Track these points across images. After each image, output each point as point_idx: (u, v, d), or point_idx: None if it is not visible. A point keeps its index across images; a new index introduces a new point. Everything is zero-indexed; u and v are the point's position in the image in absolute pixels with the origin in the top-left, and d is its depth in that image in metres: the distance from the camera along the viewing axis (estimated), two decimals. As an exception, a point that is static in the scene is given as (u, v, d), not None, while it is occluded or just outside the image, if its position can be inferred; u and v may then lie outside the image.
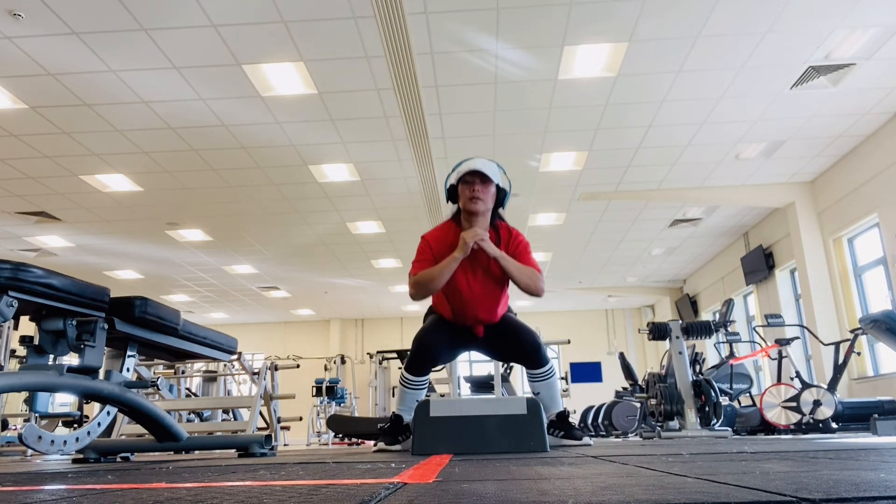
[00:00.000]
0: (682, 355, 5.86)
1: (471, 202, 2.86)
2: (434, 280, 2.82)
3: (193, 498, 0.96)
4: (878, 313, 5.28)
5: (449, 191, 2.99)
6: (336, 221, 9.72)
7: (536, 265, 2.94)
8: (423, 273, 2.85)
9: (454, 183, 2.95)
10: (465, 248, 2.77)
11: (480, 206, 2.87)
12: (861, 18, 5.23)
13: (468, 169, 2.86)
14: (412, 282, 2.88)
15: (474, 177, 2.86)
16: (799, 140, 7.44)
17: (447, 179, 3.00)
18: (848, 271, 8.17)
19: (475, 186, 2.86)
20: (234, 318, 16.85)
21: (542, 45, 5.48)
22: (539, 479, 1.16)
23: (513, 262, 2.86)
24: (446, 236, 2.96)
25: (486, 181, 2.87)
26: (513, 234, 3.00)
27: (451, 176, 2.98)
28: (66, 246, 10.45)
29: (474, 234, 2.77)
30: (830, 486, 0.87)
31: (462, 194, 2.90)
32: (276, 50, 5.43)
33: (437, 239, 2.97)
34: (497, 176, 2.91)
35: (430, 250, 2.94)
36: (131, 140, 6.92)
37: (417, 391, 3.07)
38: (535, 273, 2.89)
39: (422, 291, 2.86)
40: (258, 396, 4.84)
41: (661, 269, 13.23)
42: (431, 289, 2.84)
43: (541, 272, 2.93)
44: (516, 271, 2.85)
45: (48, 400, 2.56)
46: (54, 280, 2.31)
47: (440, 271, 2.82)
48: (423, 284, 2.84)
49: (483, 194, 2.86)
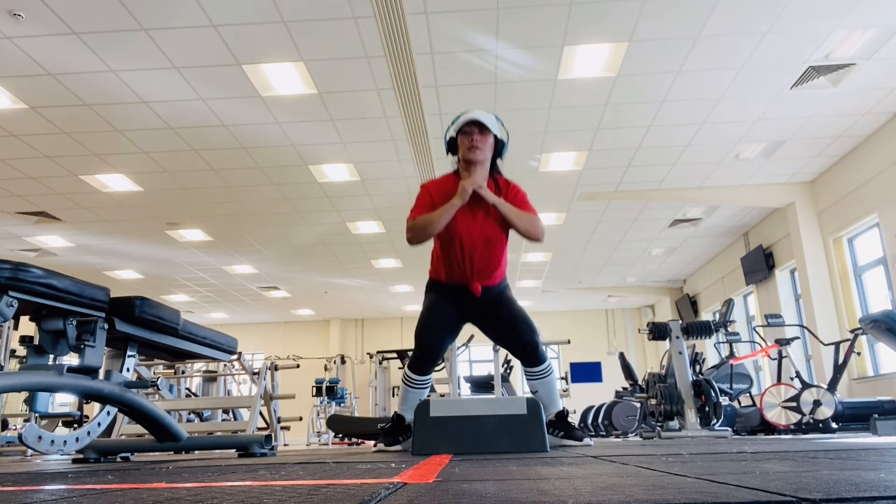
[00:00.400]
0: (682, 355, 5.86)
1: (469, 151, 2.90)
2: (432, 224, 2.85)
3: (193, 498, 0.96)
4: (878, 313, 5.28)
5: (449, 143, 3.03)
6: (336, 221, 9.72)
7: (535, 211, 2.97)
8: (421, 218, 2.88)
9: (454, 135, 3.00)
10: (464, 194, 2.80)
11: (479, 155, 2.90)
12: (861, 18, 5.23)
13: (467, 119, 2.91)
14: (410, 225, 2.91)
15: (473, 127, 2.91)
16: (799, 140, 7.44)
17: (447, 132, 3.04)
18: (848, 271, 8.17)
19: (474, 136, 2.90)
20: (234, 318, 16.85)
21: (542, 45, 5.48)
22: (539, 479, 1.16)
23: (511, 208, 2.88)
24: (446, 186, 2.99)
25: (485, 131, 2.92)
26: (510, 186, 3.02)
27: (450, 128, 3.03)
28: (66, 246, 10.45)
29: (473, 182, 2.80)
30: (830, 486, 0.87)
31: (461, 144, 2.94)
32: (276, 50, 5.43)
33: (437, 187, 3.00)
34: (495, 127, 2.96)
35: (429, 198, 2.97)
36: (131, 140, 6.92)
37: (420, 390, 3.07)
38: (534, 218, 2.91)
39: (419, 236, 2.88)
40: (258, 396, 4.84)
41: (661, 269, 13.23)
42: (429, 233, 2.87)
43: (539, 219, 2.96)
44: (515, 217, 2.87)
45: (48, 400, 2.56)
46: (54, 280, 2.31)
47: (438, 216, 2.84)
48: (420, 229, 2.87)
49: (481, 143, 2.90)
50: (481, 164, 2.94)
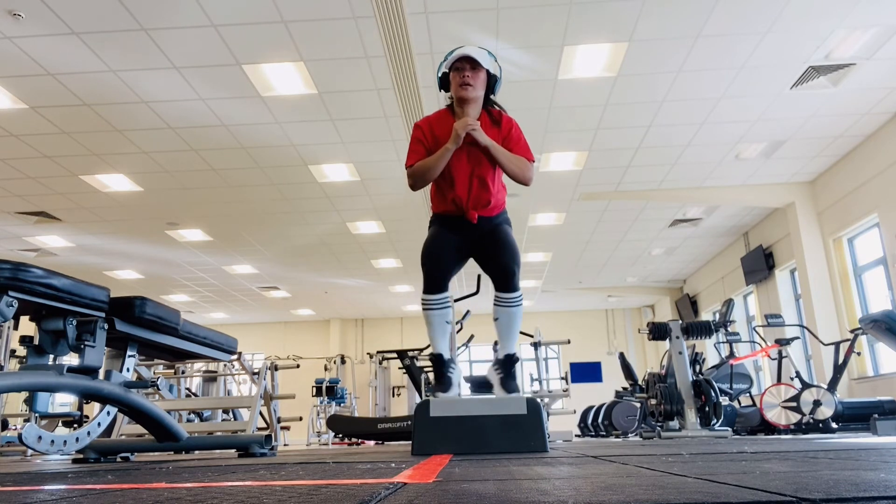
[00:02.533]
0: (682, 355, 5.86)
1: (461, 88, 2.89)
2: (430, 170, 2.90)
3: (193, 498, 0.96)
4: (878, 313, 5.28)
5: (441, 79, 3.02)
6: (336, 221, 9.72)
7: (530, 154, 2.98)
8: (418, 165, 2.92)
9: (446, 71, 2.98)
10: (457, 138, 2.82)
11: (471, 93, 2.90)
12: (861, 18, 5.23)
13: (458, 55, 2.90)
14: (409, 173, 2.95)
15: (464, 63, 2.90)
16: (799, 140, 7.44)
17: (439, 67, 3.02)
18: (848, 271, 8.17)
19: (465, 73, 2.89)
20: (234, 318, 16.85)
21: (542, 45, 5.48)
22: (539, 479, 1.16)
23: (503, 152, 2.90)
24: (440, 123, 3.00)
25: (477, 67, 2.90)
26: (505, 119, 3.02)
27: (442, 64, 3.00)
28: (66, 246, 10.45)
29: (465, 125, 2.81)
30: (830, 486, 0.87)
31: (453, 81, 2.93)
32: (276, 50, 5.43)
33: (430, 125, 3.01)
34: (487, 62, 2.94)
35: (424, 137, 2.99)
36: (131, 140, 6.92)
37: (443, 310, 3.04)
38: (524, 162, 2.94)
39: (419, 182, 2.94)
40: (258, 396, 4.84)
41: (661, 269, 13.23)
42: (428, 178, 2.92)
43: (532, 160, 2.97)
44: (506, 160, 2.90)
45: (48, 400, 2.56)
46: (54, 280, 2.31)
47: (435, 162, 2.88)
48: (419, 176, 2.92)
49: (473, 80, 2.89)
50: (474, 101, 2.94)
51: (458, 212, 3.04)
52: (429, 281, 3.02)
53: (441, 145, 2.92)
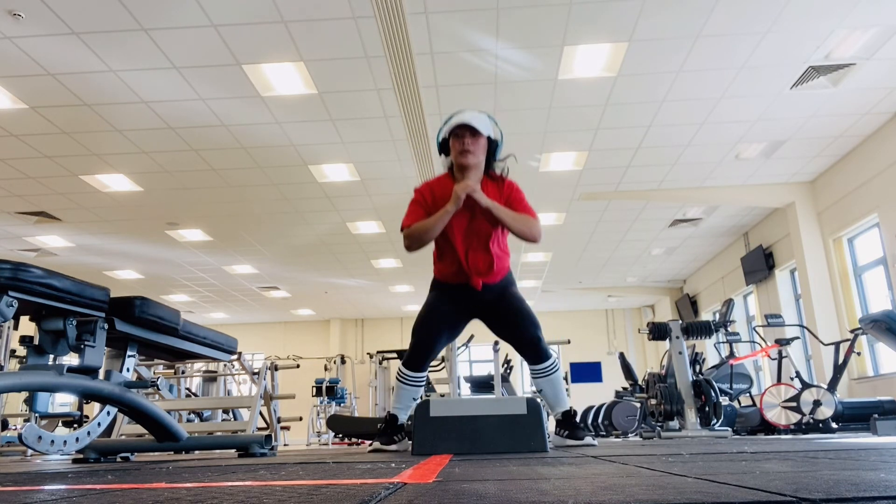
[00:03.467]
0: (682, 355, 5.86)
1: (461, 156, 2.85)
2: (427, 232, 2.84)
3: (193, 498, 0.96)
4: (878, 313, 5.28)
5: (441, 144, 2.98)
6: (336, 221, 9.72)
7: (532, 211, 2.93)
8: (416, 225, 2.87)
9: (446, 136, 2.94)
10: (457, 200, 2.77)
11: (471, 160, 2.86)
12: (861, 18, 5.23)
13: (458, 122, 2.85)
14: (406, 233, 2.89)
15: (464, 130, 2.86)
16: (799, 140, 7.44)
17: (439, 133, 2.98)
18: (848, 271, 8.17)
19: (465, 140, 2.85)
20: (234, 318, 16.85)
21: (542, 45, 5.48)
22: (539, 479, 1.16)
23: (506, 211, 2.84)
24: (440, 187, 2.96)
25: (476, 134, 2.86)
26: (506, 183, 2.97)
27: (442, 129, 2.97)
28: (66, 246, 10.45)
29: (465, 187, 2.76)
30: (830, 486, 0.87)
31: (453, 148, 2.89)
32: (276, 50, 5.43)
33: (430, 190, 2.97)
34: (488, 128, 2.90)
35: (423, 200, 2.95)
36: (131, 140, 6.92)
37: (415, 388, 3.04)
38: (529, 219, 2.87)
39: (415, 243, 2.88)
40: (258, 396, 4.84)
41: (661, 269, 13.23)
42: (425, 240, 2.86)
43: (536, 218, 2.91)
44: (510, 219, 2.83)
45: (48, 400, 2.56)
46: (54, 280, 2.31)
47: (433, 223, 2.83)
48: (416, 237, 2.86)
49: (473, 147, 2.85)
50: (475, 168, 2.90)
51: (460, 279, 2.98)
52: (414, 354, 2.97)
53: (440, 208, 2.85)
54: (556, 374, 3.01)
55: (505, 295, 3.00)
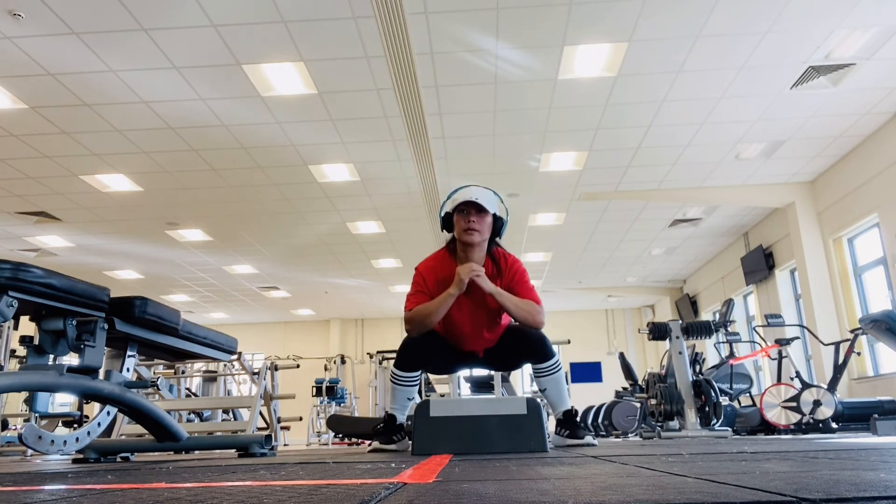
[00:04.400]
0: (682, 355, 5.86)
1: (466, 234, 2.79)
2: (430, 316, 2.80)
3: (193, 498, 0.96)
4: (878, 313, 5.28)
5: (444, 219, 2.92)
6: (336, 221, 9.72)
7: (535, 296, 2.88)
8: (417, 309, 2.82)
9: (449, 211, 2.88)
10: (461, 284, 2.73)
11: (476, 238, 2.80)
12: (861, 18, 5.23)
13: (463, 199, 2.78)
14: (408, 318, 2.85)
15: (470, 207, 2.79)
16: (799, 140, 7.44)
17: (442, 207, 2.93)
18: (848, 271, 8.17)
19: (471, 217, 2.79)
20: (234, 318, 16.85)
21: (542, 45, 5.48)
22: (539, 479, 1.16)
23: (510, 298, 2.79)
24: (442, 267, 2.90)
25: (482, 211, 2.80)
26: (509, 262, 2.92)
27: (445, 204, 2.91)
28: (66, 246, 10.45)
29: (469, 270, 2.72)
30: (830, 486, 0.87)
31: (457, 224, 2.83)
32: (276, 50, 5.43)
33: (432, 270, 2.92)
34: (494, 205, 2.84)
35: (424, 283, 2.90)
36: (131, 140, 6.92)
37: (408, 388, 3.03)
38: (533, 306, 2.84)
39: (418, 328, 2.85)
40: (258, 396, 4.84)
41: (661, 269, 13.23)
42: (427, 324, 2.82)
43: (540, 304, 2.87)
44: (514, 307, 2.80)
45: (48, 400, 2.56)
46: (54, 280, 2.31)
47: (436, 308, 2.78)
48: (418, 321, 2.83)
49: (479, 225, 2.79)
50: (479, 246, 2.84)
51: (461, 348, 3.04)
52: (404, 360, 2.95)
53: (442, 290, 2.81)
54: (560, 374, 3.01)
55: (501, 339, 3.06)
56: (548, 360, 2.98)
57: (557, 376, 3.00)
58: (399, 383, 3.03)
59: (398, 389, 3.04)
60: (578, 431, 3.05)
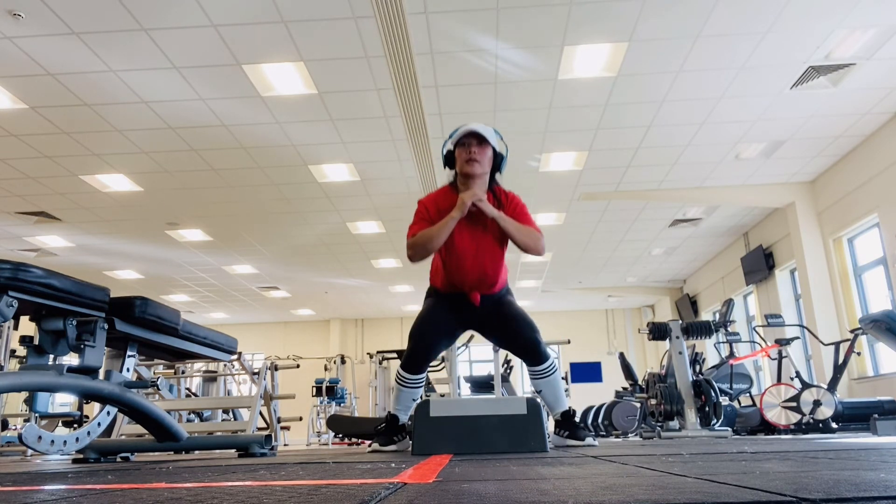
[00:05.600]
0: (682, 355, 5.86)
1: (467, 164, 2.85)
2: (432, 240, 2.82)
3: (193, 498, 0.96)
4: (878, 313, 5.28)
5: (446, 156, 2.98)
6: (336, 221, 9.72)
7: (536, 226, 2.93)
8: (420, 233, 2.85)
9: (451, 148, 2.95)
10: (463, 207, 2.76)
11: (477, 168, 2.85)
12: (861, 18, 5.23)
13: (465, 131, 2.86)
14: (410, 244, 2.88)
15: (471, 139, 2.86)
16: (799, 140, 7.44)
17: (444, 145, 2.99)
18: (848, 271, 8.17)
19: (472, 148, 2.85)
20: (234, 318, 16.85)
21: (542, 45, 5.48)
22: (539, 479, 1.16)
23: (512, 222, 2.84)
24: (444, 200, 2.95)
25: (483, 143, 2.87)
26: (509, 197, 2.98)
27: (447, 141, 2.97)
28: (66, 246, 10.45)
29: (472, 195, 2.77)
30: (830, 486, 0.87)
31: (459, 157, 2.89)
32: (276, 50, 5.43)
33: (434, 202, 2.97)
34: (494, 139, 2.91)
35: (427, 213, 2.94)
36: (131, 140, 6.92)
37: (414, 390, 3.03)
38: (534, 232, 2.88)
39: (420, 252, 2.86)
40: (258, 396, 4.84)
41: (661, 269, 13.23)
42: (429, 248, 2.84)
43: (540, 233, 2.92)
44: (516, 231, 2.83)
45: (48, 400, 2.56)
46: (54, 280, 2.31)
47: (438, 231, 2.81)
48: (420, 245, 2.85)
49: (480, 156, 2.85)
50: (480, 178, 2.89)
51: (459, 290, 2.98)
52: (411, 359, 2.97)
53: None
54: (555, 375, 3.00)
55: (502, 304, 3.02)
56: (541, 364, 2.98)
57: (552, 379, 3.00)
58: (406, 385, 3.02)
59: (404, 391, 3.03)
60: (578, 432, 3.04)
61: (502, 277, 3.03)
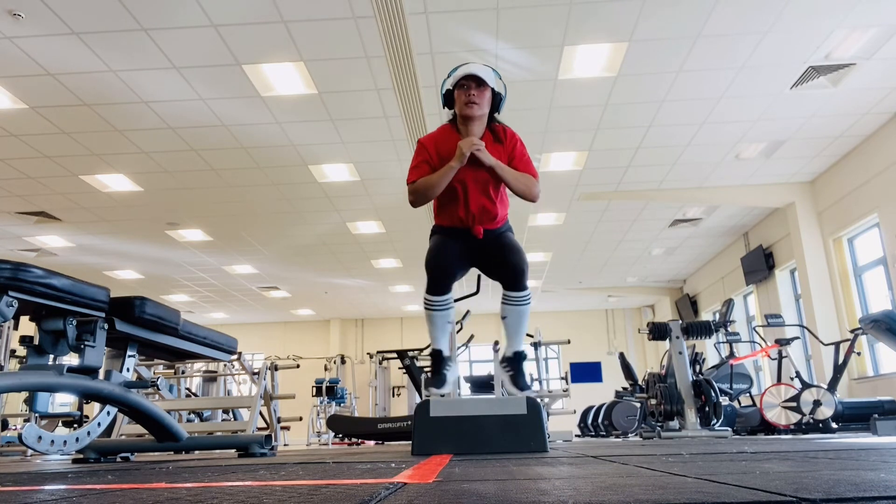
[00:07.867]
0: (682, 355, 5.86)
1: (466, 107, 2.88)
2: (432, 187, 2.86)
3: (193, 498, 0.96)
4: (878, 313, 5.28)
5: (445, 96, 3.01)
6: (336, 221, 9.72)
7: (533, 170, 2.97)
8: (421, 181, 2.89)
9: (450, 88, 2.97)
10: (462, 157, 2.80)
11: (476, 111, 2.88)
12: (861, 18, 5.23)
13: (464, 73, 2.88)
14: (411, 189, 2.91)
15: (470, 81, 2.88)
16: (799, 140, 7.44)
17: (443, 84, 3.01)
18: (848, 271, 8.17)
19: (471, 91, 2.87)
20: (234, 318, 16.85)
21: (542, 45, 5.48)
22: (539, 479, 1.16)
23: (509, 171, 2.88)
24: (444, 140, 2.98)
25: (482, 85, 2.89)
26: (508, 135, 3.00)
27: (446, 81, 2.99)
28: (66, 246, 10.45)
29: (471, 144, 2.79)
30: (830, 486, 0.87)
31: (458, 99, 2.91)
32: (276, 50, 5.43)
33: (434, 141, 2.99)
34: (492, 80, 2.93)
35: (427, 153, 2.96)
36: (131, 140, 6.92)
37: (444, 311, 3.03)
38: (530, 179, 2.92)
39: (420, 199, 2.91)
40: (258, 396, 4.84)
41: (661, 269, 13.23)
42: (430, 196, 2.89)
43: (537, 177, 2.95)
44: (512, 179, 2.87)
45: (48, 400, 2.56)
46: (54, 280, 2.31)
47: (438, 179, 2.85)
48: (421, 192, 2.89)
49: (479, 98, 2.87)
50: (479, 119, 2.93)
51: (462, 226, 3.03)
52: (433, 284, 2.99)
53: (445, 162, 2.89)
54: (525, 308, 3.01)
55: (501, 237, 3.06)
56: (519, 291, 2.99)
57: (522, 309, 3.00)
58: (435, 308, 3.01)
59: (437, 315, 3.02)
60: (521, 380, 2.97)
61: (503, 213, 3.08)
